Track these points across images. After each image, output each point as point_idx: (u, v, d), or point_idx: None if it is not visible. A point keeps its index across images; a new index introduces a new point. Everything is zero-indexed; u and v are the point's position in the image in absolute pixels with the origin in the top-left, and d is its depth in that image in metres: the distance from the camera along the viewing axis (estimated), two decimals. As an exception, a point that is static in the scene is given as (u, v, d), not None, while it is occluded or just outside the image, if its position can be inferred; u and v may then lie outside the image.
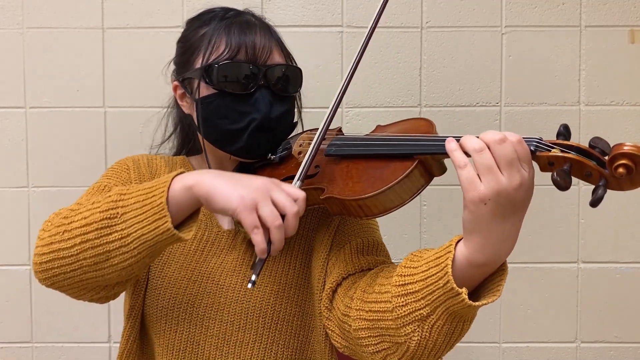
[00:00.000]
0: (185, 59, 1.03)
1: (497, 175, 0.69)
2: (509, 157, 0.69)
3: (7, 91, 1.54)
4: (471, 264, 0.73)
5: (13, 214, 1.55)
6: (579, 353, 1.57)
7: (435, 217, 1.56)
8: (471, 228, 0.72)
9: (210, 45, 0.97)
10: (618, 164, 0.66)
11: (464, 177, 0.71)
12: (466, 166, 0.71)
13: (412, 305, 0.75)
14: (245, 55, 0.97)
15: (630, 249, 1.56)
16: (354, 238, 0.98)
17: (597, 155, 0.70)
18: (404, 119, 0.98)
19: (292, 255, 1.02)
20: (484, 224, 0.71)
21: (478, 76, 1.54)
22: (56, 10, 1.53)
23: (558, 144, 0.72)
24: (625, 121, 1.54)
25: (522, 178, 0.70)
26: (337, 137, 0.96)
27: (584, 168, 0.70)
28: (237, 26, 0.98)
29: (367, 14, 1.54)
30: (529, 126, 1.54)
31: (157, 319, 0.98)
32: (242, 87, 0.96)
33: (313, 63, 1.53)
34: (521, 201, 0.71)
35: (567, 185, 0.68)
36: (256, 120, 0.96)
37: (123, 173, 1.04)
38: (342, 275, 0.91)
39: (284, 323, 0.99)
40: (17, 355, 1.57)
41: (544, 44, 1.54)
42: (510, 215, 0.71)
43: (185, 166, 1.10)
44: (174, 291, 0.98)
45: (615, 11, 1.53)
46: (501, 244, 0.72)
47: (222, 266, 1.00)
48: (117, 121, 1.55)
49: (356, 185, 0.84)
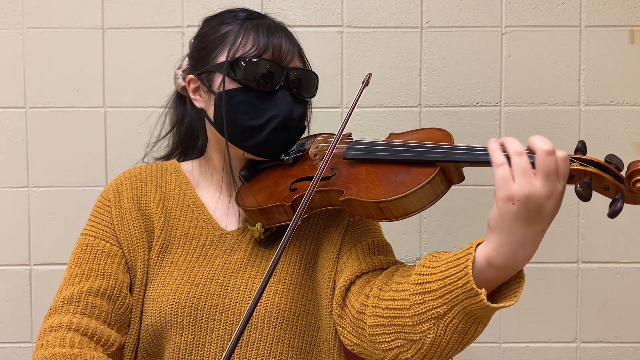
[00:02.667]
0: (204, 54, 1.03)
1: (530, 179, 0.73)
2: (550, 169, 0.73)
3: (7, 91, 1.54)
4: (490, 265, 0.75)
5: (13, 214, 1.55)
6: (579, 353, 1.57)
7: (435, 217, 1.56)
8: (494, 225, 0.75)
9: (237, 42, 1.00)
10: (636, 180, 0.73)
11: (499, 175, 0.74)
12: (503, 165, 0.75)
13: (429, 304, 0.77)
14: (272, 55, 0.99)
15: (630, 249, 1.56)
16: (364, 238, 1.00)
17: (613, 170, 0.76)
18: (418, 128, 1.00)
19: (298, 255, 1.02)
20: (507, 223, 0.73)
21: (478, 76, 1.54)
22: (56, 10, 1.53)
23: (578, 158, 0.77)
24: (625, 121, 1.54)
25: (554, 190, 0.73)
26: (356, 141, 0.98)
27: (602, 181, 0.76)
28: (264, 27, 1.01)
29: (367, 14, 1.54)
30: (529, 126, 1.54)
31: (162, 324, 0.98)
32: (266, 85, 0.99)
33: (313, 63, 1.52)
34: (548, 212, 0.74)
35: (589, 197, 0.74)
36: (277, 118, 0.99)
37: (105, 215, 1.04)
38: (355, 273, 0.93)
39: (289, 323, 0.99)
40: (17, 355, 1.57)
41: (544, 44, 1.54)
42: (533, 223, 0.74)
43: (177, 173, 1.10)
44: (177, 296, 0.98)
45: (615, 11, 1.53)
46: (519, 248, 0.74)
47: (226, 267, 1.01)
48: (117, 121, 1.55)
49: (377, 188, 0.86)
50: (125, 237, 1.02)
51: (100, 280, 0.97)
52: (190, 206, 1.07)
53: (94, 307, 0.95)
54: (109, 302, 0.97)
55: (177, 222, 1.05)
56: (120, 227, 1.03)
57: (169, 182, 1.09)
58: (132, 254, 1.02)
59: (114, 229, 1.03)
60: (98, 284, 0.97)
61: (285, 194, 0.96)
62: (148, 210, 1.05)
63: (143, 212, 1.05)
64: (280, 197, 0.96)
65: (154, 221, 1.04)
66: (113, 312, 0.97)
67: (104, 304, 0.96)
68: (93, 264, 0.99)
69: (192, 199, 1.07)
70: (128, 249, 1.02)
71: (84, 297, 0.95)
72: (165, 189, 1.08)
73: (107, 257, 1.00)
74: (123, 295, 0.99)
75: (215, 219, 1.06)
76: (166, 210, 1.06)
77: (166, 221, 1.04)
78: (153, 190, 1.07)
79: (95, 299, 0.96)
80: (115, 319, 0.97)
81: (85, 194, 1.54)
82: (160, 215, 1.04)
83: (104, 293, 0.97)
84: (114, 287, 0.98)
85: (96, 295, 0.96)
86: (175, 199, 1.07)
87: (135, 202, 1.05)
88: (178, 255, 1.02)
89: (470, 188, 1.54)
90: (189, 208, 1.06)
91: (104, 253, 1.00)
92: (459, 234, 1.56)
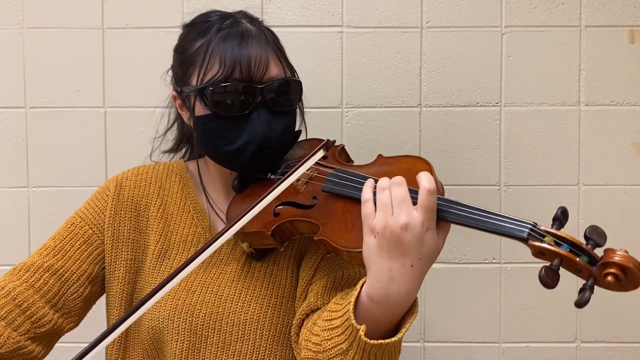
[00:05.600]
0: (182, 72, 1.01)
1: (387, 211, 0.75)
2: (400, 197, 0.75)
3: (7, 91, 1.54)
4: (371, 300, 0.77)
5: (13, 214, 1.55)
6: (579, 353, 1.57)
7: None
8: (365, 261, 0.78)
9: (205, 64, 0.95)
10: (607, 272, 0.68)
11: (363, 211, 0.78)
12: (367, 202, 0.78)
13: (335, 340, 0.79)
14: (240, 73, 0.94)
15: (631, 249, 1.56)
16: (337, 269, 0.97)
17: (588, 252, 0.71)
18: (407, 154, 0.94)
19: (290, 269, 1.02)
20: (372, 257, 0.76)
21: (478, 76, 1.54)
22: (56, 10, 1.53)
23: (551, 233, 0.73)
24: (625, 121, 1.54)
25: (409, 220, 0.74)
26: (338, 169, 0.93)
27: (574, 265, 0.70)
28: (231, 40, 0.95)
29: (367, 14, 1.54)
30: (529, 126, 1.54)
31: (160, 328, 0.99)
32: (238, 109, 0.94)
33: (313, 63, 1.53)
34: (408, 243, 0.74)
35: (554, 284, 0.69)
36: (252, 143, 0.95)
37: (100, 203, 1.06)
38: (311, 307, 0.93)
39: (281, 335, 0.99)
40: (17, 355, 1.57)
41: (544, 44, 1.54)
42: (396, 256, 0.74)
43: (182, 175, 1.10)
44: (173, 302, 0.99)
45: (615, 11, 1.53)
46: (389, 283, 0.75)
47: (222, 277, 1.01)
48: (117, 121, 1.55)
49: (349, 233, 0.83)
50: (113, 232, 1.03)
51: (64, 262, 0.99)
52: (190, 212, 1.07)
53: (44, 283, 0.97)
54: (63, 285, 0.98)
55: (177, 228, 1.05)
56: (110, 221, 1.03)
57: (172, 185, 1.09)
58: (113, 250, 1.03)
59: (103, 220, 1.04)
60: (61, 264, 0.99)
61: (268, 220, 0.93)
62: (147, 213, 1.05)
63: (140, 213, 1.05)
64: (263, 221, 0.93)
65: (150, 224, 1.04)
66: (62, 296, 0.98)
67: (56, 284, 0.98)
68: (66, 245, 1.01)
69: (193, 204, 1.07)
70: (111, 244, 1.03)
71: (40, 271, 0.97)
72: (168, 191, 1.08)
73: (83, 244, 1.02)
74: (79, 283, 1.00)
75: (214, 227, 1.06)
76: (166, 215, 1.06)
77: (165, 226, 1.05)
78: (155, 192, 1.07)
79: (50, 277, 0.97)
80: (63, 303, 0.98)
81: (85, 194, 1.53)
82: (159, 220, 1.04)
83: (61, 275, 0.98)
84: (73, 272, 0.99)
85: (53, 275, 0.98)
86: (176, 204, 1.07)
87: (135, 201, 1.05)
88: (177, 261, 1.03)
89: (471, 188, 1.54)
90: (189, 214, 1.06)
91: (82, 238, 1.02)
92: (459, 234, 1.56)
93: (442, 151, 1.53)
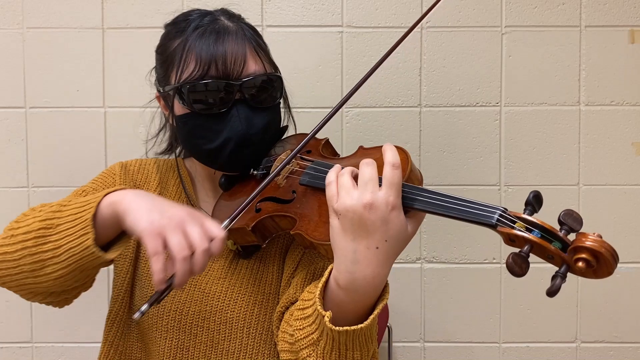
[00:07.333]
0: (163, 71, 1.00)
1: (350, 192, 0.73)
2: (367, 176, 0.73)
3: (7, 91, 1.54)
4: (338, 286, 0.75)
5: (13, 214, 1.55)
6: (579, 353, 1.57)
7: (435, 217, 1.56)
8: (332, 245, 0.76)
9: (181, 62, 0.94)
10: (578, 257, 0.63)
11: (327, 194, 0.77)
12: (330, 184, 0.77)
13: (306, 330, 0.78)
14: (216, 70, 0.92)
15: (630, 249, 1.56)
16: (317, 262, 0.97)
17: (561, 237, 0.66)
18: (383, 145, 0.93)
19: (276, 265, 1.01)
20: (337, 239, 0.74)
21: (478, 76, 1.54)
22: (56, 10, 1.53)
23: (522, 219, 0.68)
24: (625, 121, 1.54)
25: (373, 199, 0.72)
26: (315, 162, 0.91)
27: (545, 251, 0.66)
28: (207, 37, 0.93)
29: (367, 14, 1.54)
30: (529, 126, 1.54)
31: (148, 326, 0.99)
32: (216, 106, 0.93)
33: (313, 63, 1.53)
34: (372, 223, 0.72)
35: (523, 273, 0.65)
36: (232, 140, 0.93)
37: (108, 178, 1.05)
38: (290, 300, 0.91)
39: (268, 332, 0.99)
40: (17, 355, 1.57)
41: (544, 44, 1.54)
42: (360, 237, 0.73)
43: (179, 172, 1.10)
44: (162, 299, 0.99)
45: (615, 11, 1.53)
46: (354, 265, 0.73)
47: (209, 274, 1.01)
48: (117, 121, 1.55)
49: (324, 226, 0.81)
50: None
51: None
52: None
53: None
54: None
55: None
56: None
57: (170, 179, 1.09)
58: None
59: None
60: None
61: (250, 215, 0.92)
62: None
63: None
64: (245, 218, 0.91)
65: None
66: None
67: None
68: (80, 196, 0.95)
69: (186, 201, 1.07)
70: None
71: None
72: (166, 185, 1.08)
73: None
74: None
75: None
76: None
77: None
78: (155, 182, 1.07)
79: None
80: None
81: (85, 194, 1.54)
82: None
83: None
84: None
85: None
86: (172, 199, 1.07)
87: (137, 185, 1.06)
88: None
89: (471, 188, 1.54)
90: None
91: None
92: (459, 234, 1.56)
93: (442, 151, 1.53)
